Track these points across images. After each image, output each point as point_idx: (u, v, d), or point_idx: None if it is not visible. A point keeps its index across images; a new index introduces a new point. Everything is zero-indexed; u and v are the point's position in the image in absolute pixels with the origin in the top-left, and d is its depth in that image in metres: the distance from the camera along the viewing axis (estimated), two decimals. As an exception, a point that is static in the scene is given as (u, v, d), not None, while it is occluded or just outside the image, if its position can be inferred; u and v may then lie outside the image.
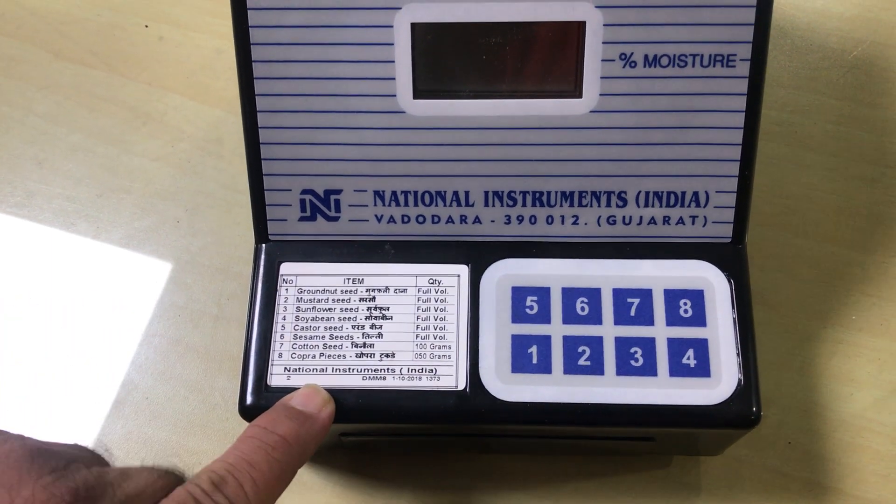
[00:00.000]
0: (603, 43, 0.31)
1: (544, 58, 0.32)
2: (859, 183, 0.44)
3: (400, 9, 0.31)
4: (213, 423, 0.40)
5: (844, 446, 0.39)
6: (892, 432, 0.39)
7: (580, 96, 0.32)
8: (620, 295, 0.33)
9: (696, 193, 0.33)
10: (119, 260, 0.44)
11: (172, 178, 0.46)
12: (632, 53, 0.32)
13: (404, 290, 0.34)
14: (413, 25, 0.31)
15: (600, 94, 0.32)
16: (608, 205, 0.34)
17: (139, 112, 0.47)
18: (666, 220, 0.34)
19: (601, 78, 0.32)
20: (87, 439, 0.40)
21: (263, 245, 0.35)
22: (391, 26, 0.31)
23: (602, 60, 0.32)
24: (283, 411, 0.30)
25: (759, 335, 0.39)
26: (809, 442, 0.39)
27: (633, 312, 0.33)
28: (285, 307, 0.34)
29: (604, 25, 0.31)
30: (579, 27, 0.31)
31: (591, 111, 0.32)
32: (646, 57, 0.32)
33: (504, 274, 0.34)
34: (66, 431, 0.40)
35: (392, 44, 0.32)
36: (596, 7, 0.31)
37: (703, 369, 0.32)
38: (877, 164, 0.44)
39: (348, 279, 0.34)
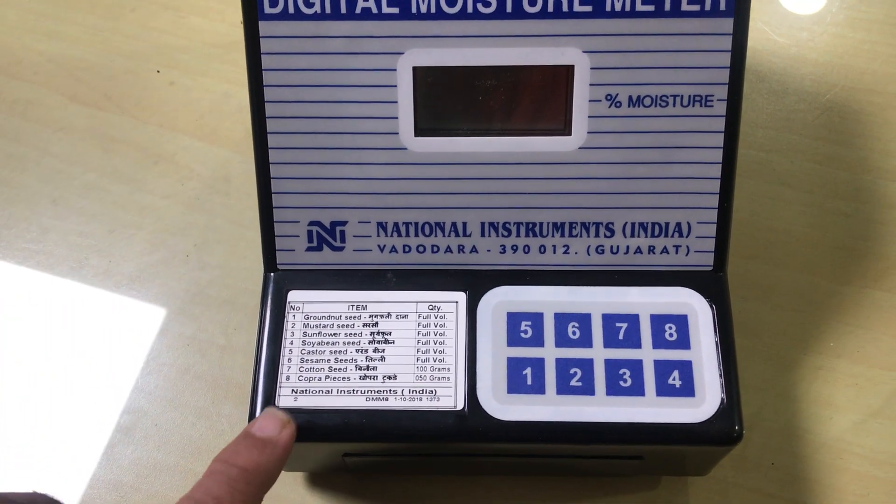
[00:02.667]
0: (590, 85, 0.34)
1: (536, 99, 0.35)
2: (835, 217, 0.46)
3: (402, 53, 0.34)
4: (221, 448, 0.41)
5: (825, 468, 0.40)
6: (870, 454, 0.41)
7: (570, 134, 0.35)
8: (609, 320, 0.35)
9: (678, 224, 0.36)
10: (130, 292, 0.46)
11: (182, 215, 0.48)
12: (617, 94, 0.34)
13: (405, 316, 0.36)
14: (415, 69, 0.34)
15: (588, 132, 0.35)
16: (597, 235, 0.36)
17: (151, 152, 0.50)
18: (651, 249, 0.36)
19: (589, 117, 0.34)
20: (98, 465, 0.41)
21: (272, 274, 0.37)
22: (394, 69, 0.34)
23: (589, 101, 0.34)
24: (243, 442, 0.32)
25: (742, 362, 0.41)
26: (792, 464, 0.41)
27: (621, 336, 0.35)
28: (293, 332, 0.36)
29: (591, 69, 0.34)
30: (568, 71, 0.34)
31: (579, 148, 0.35)
32: (630, 97, 0.34)
33: (500, 300, 0.36)
34: (78, 458, 0.42)
35: (395, 86, 0.34)
36: (584, 52, 0.34)
37: (687, 389, 0.34)
38: (851, 200, 0.47)
39: (352, 306, 0.36)
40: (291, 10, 0.33)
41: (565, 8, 0.33)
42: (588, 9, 0.33)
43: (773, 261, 0.45)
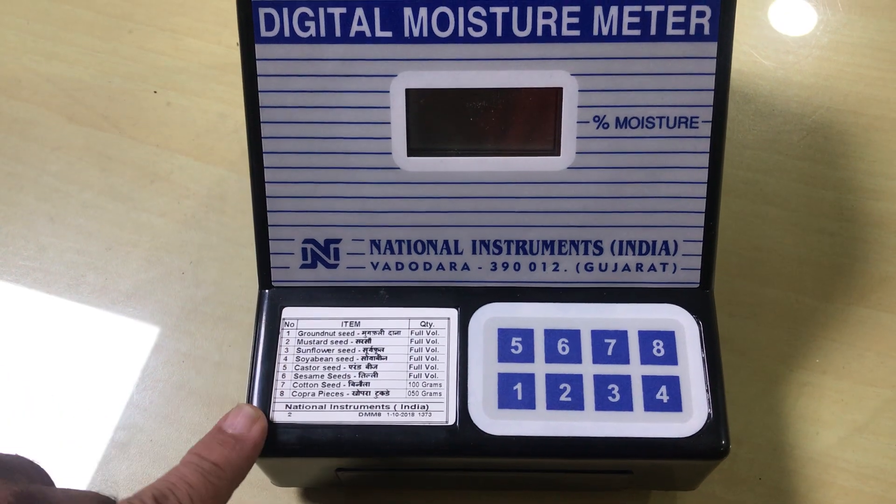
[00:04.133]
0: (578, 107, 0.35)
1: (526, 120, 0.35)
2: (820, 236, 0.47)
3: (395, 76, 0.35)
4: (215, 463, 0.42)
5: (812, 482, 0.41)
6: (855, 469, 0.41)
7: (558, 154, 0.35)
8: (598, 336, 0.36)
9: (665, 242, 0.37)
10: (126, 309, 0.46)
11: (178, 233, 0.48)
12: (604, 116, 0.35)
13: (398, 332, 0.37)
14: (407, 91, 0.35)
15: (577, 153, 0.35)
16: (586, 253, 0.37)
17: (147, 171, 0.50)
18: (639, 266, 0.37)
19: (577, 138, 0.35)
20: (93, 480, 0.42)
21: (267, 291, 0.38)
22: (388, 91, 0.35)
23: (578, 122, 0.35)
24: (216, 437, 0.33)
25: (729, 378, 0.42)
26: (779, 478, 0.41)
27: (610, 352, 0.36)
28: (287, 348, 0.37)
29: (579, 91, 0.35)
30: (557, 93, 0.35)
31: (568, 168, 0.36)
32: (617, 119, 0.35)
33: (491, 317, 0.37)
34: (73, 472, 0.42)
35: (388, 107, 0.35)
36: (572, 75, 0.35)
37: (675, 404, 0.35)
38: (836, 219, 0.47)
39: (346, 322, 0.37)
40: (287, 33, 0.34)
41: (554, 32, 0.34)
42: (576, 33, 0.34)
43: (760, 278, 0.46)
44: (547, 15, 0.34)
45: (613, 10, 0.34)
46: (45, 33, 0.55)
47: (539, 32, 0.34)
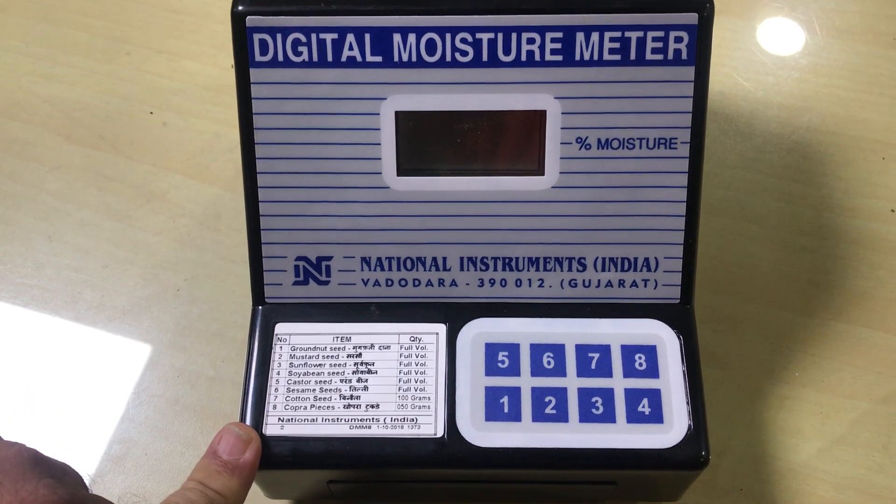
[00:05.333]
0: (561, 128, 0.36)
1: (511, 141, 0.37)
2: (799, 253, 0.48)
3: (385, 99, 0.36)
4: (208, 476, 0.43)
5: (792, 493, 0.42)
6: (834, 479, 0.42)
7: (543, 174, 0.37)
8: (582, 350, 0.37)
9: (647, 259, 0.38)
10: (122, 325, 0.47)
11: (173, 251, 0.49)
12: (587, 137, 0.36)
13: (388, 347, 0.38)
14: (397, 113, 0.36)
15: (560, 173, 0.37)
16: (570, 269, 0.38)
17: (143, 190, 0.51)
18: (621, 283, 0.38)
19: (561, 158, 0.36)
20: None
21: (260, 307, 0.39)
22: (378, 114, 0.36)
23: (561, 143, 0.36)
24: (212, 463, 0.34)
25: (711, 391, 0.43)
26: (760, 489, 0.42)
27: (593, 366, 0.37)
28: (279, 363, 0.38)
29: (562, 114, 0.36)
30: (541, 115, 0.36)
31: (552, 187, 0.37)
32: (599, 140, 0.36)
33: (478, 332, 0.38)
34: (70, 485, 0.43)
35: (378, 129, 0.36)
36: (555, 98, 0.36)
37: (656, 416, 0.36)
38: (814, 236, 0.49)
39: (337, 337, 0.38)
40: (281, 57, 0.36)
41: (538, 57, 0.35)
42: (559, 58, 0.35)
43: (741, 294, 0.47)
44: (531, 41, 0.35)
45: (594, 36, 0.35)
46: (43, 55, 0.56)
47: (523, 57, 0.35)
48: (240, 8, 0.35)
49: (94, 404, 0.45)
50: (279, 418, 0.36)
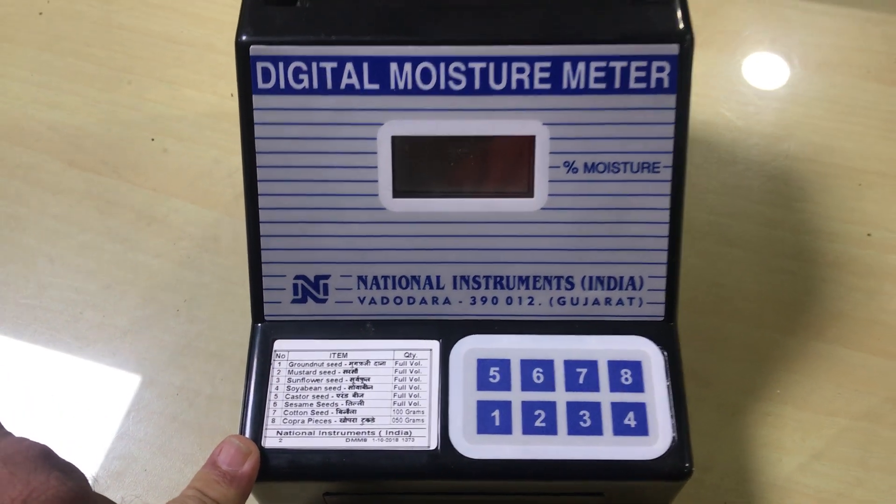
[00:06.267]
0: (550, 153, 0.38)
1: (502, 165, 0.38)
2: (780, 275, 0.50)
3: (382, 124, 0.38)
4: (206, 491, 0.44)
5: (775, 507, 0.43)
6: (815, 493, 0.44)
7: (532, 196, 0.38)
8: (570, 365, 0.39)
9: (632, 278, 0.39)
10: (123, 344, 0.48)
11: (173, 272, 0.51)
12: (574, 161, 0.38)
13: (383, 363, 0.39)
14: (393, 138, 0.38)
15: (549, 195, 0.38)
16: (558, 288, 0.39)
17: (144, 214, 0.53)
18: (608, 301, 0.40)
19: (549, 181, 0.38)
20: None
21: (259, 324, 0.40)
22: (375, 138, 0.38)
23: (549, 167, 0.38)
24: (212, 474, 0.35)
25: (696, 408, 0.44)
26: (744, 503, 0.43)
27: (581, 380, 0.38)
28: (278, 378, 0.39)
29: (550, 139, 0.38)
30: (530, 140, 0.38)
31: (541, 209, 0.39)
32: (585, 164, 0.38)
33: (470, 348, 0.39)
34: (70, 500, 0.44)
35: (375, 153, 0.38)
36: (544, 124, 0.38)
37: (642, 429, 0.37)
38: (795, 258, 0.51)
39: (334, 353, 0.39)
40: (282, 85, 0.37)
41: (527, 85, 0.37)
42: (547, 86, 0.37)
43: (724, 315, 0.49)
44: (521, 70, 0.37)
45: (581, 66, 0.37)
46: (48, 84, 0.58)
47: (513, 85, 0.37)
48: (244, 38, 0.37)
49: (95, 421, 0.46)
50: (277, 431, 0.38)
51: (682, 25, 0.37)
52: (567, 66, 0.37)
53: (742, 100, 0.57)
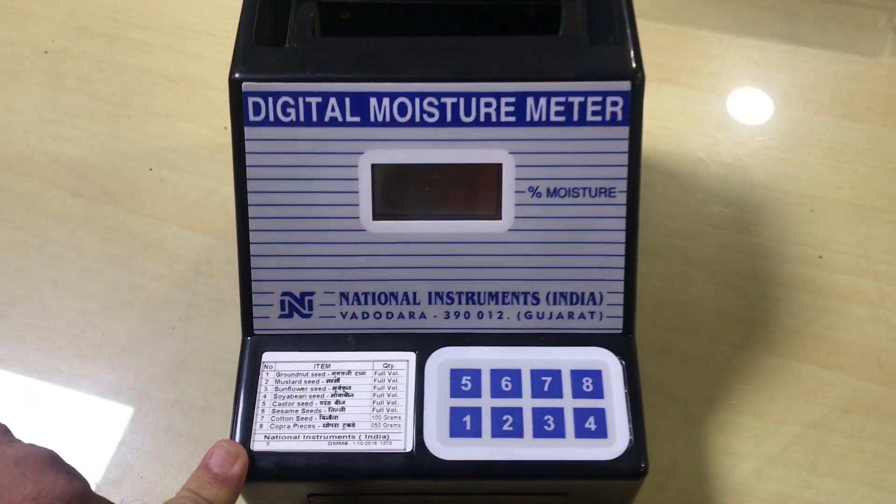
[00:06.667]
0: (516, 179, 0.42)
1: (472, 190, 0.42)
2: (737, 294, 0.54)
3: (363, 153, 0.41)
4: (199, 497, 0.47)
5: (731, 509, 0.47)
6: (768, 497, 0.47)
7: (500, 219, 0.42)
8: (536, 374, 0.42)
9: (592, 294, 0.43)
10: (121, 361, 0.51)
11: (168, 294, 0.54)
12: (538, 187, 0.42)
13: (363, 373, 0.42)
14: (373, 165, 0.41)
15: (515, 218, 0.42)
16: (525, 303, 0.43)
17: (142, 240, 0.56)
18: (570, 315, 0.43)
19: (515, 205, 0.42)
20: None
21: (249, 338, 0.43)
22: (356, 166, 0.41)
23: (515, 192, 0.42)
24: (204, 476, 0.38)
25: (658, 417, 0.48)
26: (702, 506, 0.47)
27: (546, 388, 0.42)
28: (266, 387, 0.42)
29: (516, 166, 0.41)
30: (498, 168, 0.41)
31: (508, 230, 0.42)
32: (548, 189, 0.42)
33: (444, 359, 0.42)
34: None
35: (357, 179, 0.41)
36: (510, 153, 0.41)
37: (601, 432, 0.40)
38: (750, 279, 0.54)
39: (318, 364, 0.43)
40: (271, 117, 0.41)
41: (494, 118, 0.41)
42: (513, 119, 0.41)
43: (685, 330, 0.52)
44: (488, 104, 0.41)
45: (543, 101, 0.41)
46: (52, 118, 0.62)
47: (482, 118, 0.41)
48: (236, 75, 0.41)
49: (95, 432, 0.49)
50: (265, 436, 0.41)
51: (634, 64, 0.41)
52: (530, 100, 0.41)
53: (703, 132, 0.61)
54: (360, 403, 0.41)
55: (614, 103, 0.41)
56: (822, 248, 0.56)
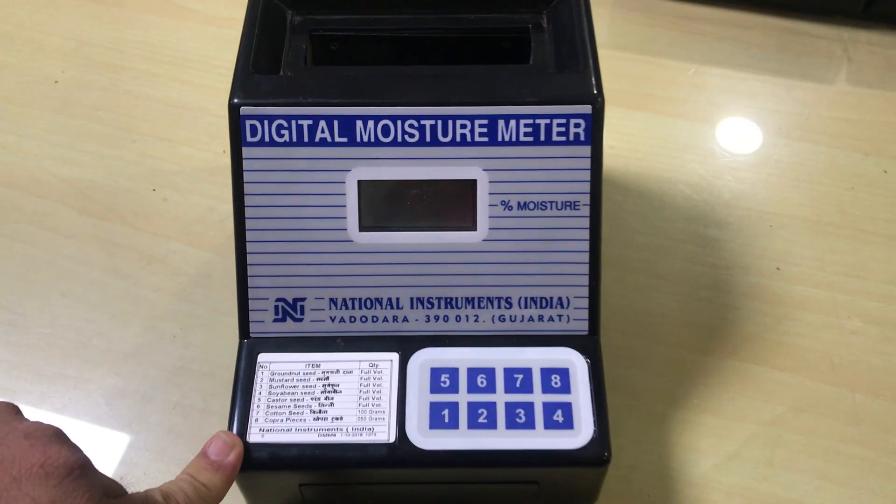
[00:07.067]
0: (489, 194, 0.46)
1: (450, 204, 0.46)
2: (700, 303, 0.58)
3: (350, 170, 0.45)
4: (198, 491, 0.50)
5: (692, 500, 0.50)
6: (727, 489, 0.50)
7: (475, 230, 0.46)
8: (509, 372, 0.46)
9: (560, 299, 0.47)
10: (126, 366, 0.55)
11: (170, 305, 0.58)
12: (509, 200, 0.46)
13: (351, 372, 0.46)
14: (359, 182, 0.45)
15: (489, 229, 0.46)
16: (499, 307, 0.47)
17: (146, 255, 0.60)
18: (540, 318, 0.47)
19: (489, 217, 0.46)
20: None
21: (245, 340, 0.47)
22: (344, 182, 0.45)
23: (489, 206, 0.46)
24: (202, 462, 0.42)
25: (625, 417, 0.51)
26: (666, 498, 0.50)
27: (518, 384, 0.45)
28: (261, 385, 0.46)
29: (489, 182, 0.46)
30: (473, 183, 0.45)
31: (483, 240, 0.46)
32: (519, 203, 0.46)
33: (425, 359, 0.46)
34: (78, 500, 0.50)
35: (344, 194, 0.45)
36: (483, 170, 0.45)
37: (568, 424, 0.44)
38: (713, 289, 0.58)
39: (308, 364, 0.46)
40: (267, 138, 0.45)
41: (469, 138, 0.45)
42: (486, 139, 0.45)
43: (651, 337, 0.56)
44: (463, 126, 0.45)
45: (512, 123, 0.45)
46: (61, 143, 0.66)
47: (458, 138, 0.45)
48: (235, 100, 0.45)
49: (102, 432, 0.52)
50: (260, 428, 0.44)
51: (595, 90, 0.45)
52: (501, 122, 0.45)
53: (669, 154, 0.65)
54: (348, 399, 0.45)
55: (577, 125, 0.45)
56: (780, 261, 0.60)
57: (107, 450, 0.52)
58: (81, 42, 0.73)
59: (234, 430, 0.44)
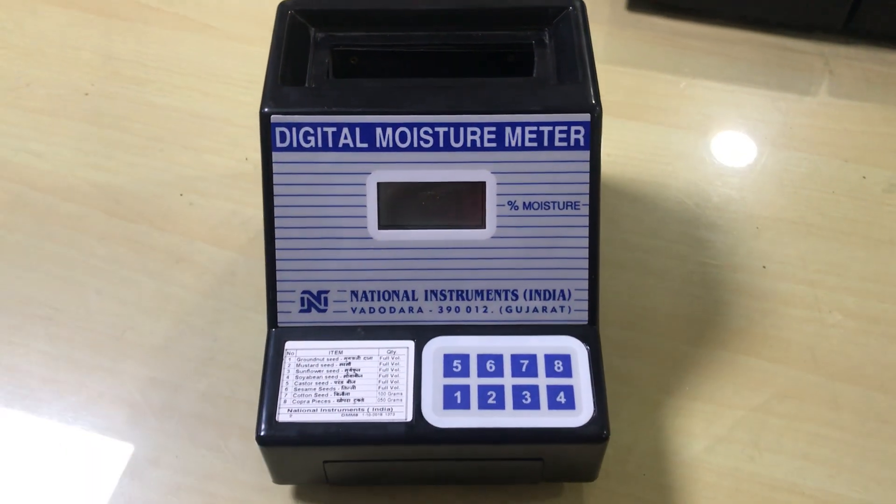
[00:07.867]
0: (497, 195, 0.50)
1: (461, 203, 0.50)
2: (691, 299, 0.62)
3: (370, 173, 0.50)
4: (229, 473, 0.54)
5: (685, 479, 0.54)
6: (717, 469, 0.54)
7: (485, 228, 0.50)
8: (516, 358, 0.50)
9: (562, 291, 0.51)
10: (157, 358, 0.59)
11: (198, 301, 0.62)
12: (515, 201, 0.50)
13: (371, 358, 0.50)
14: (378, 184, 0.49)
15: (497, 227, 0.50)
16: (506, 299, 0.51)
17: (174, 255, 0.64)
18: (544, 309, 0.51)
19: (497, 216, 0.50)
20: (130, 485, 0.54)
21: (273, 329, 0.51)
22: (364, 184, 0.50)
23: (497, 205, 0.50)
24: None
25: (622, 403, 0.55)
26: (660, 477, 0.54)
27: (524, 369, 0.49)
28: (288, 370, 0.50)
29: (497, 184, 0.50)
30: (482, 185, 0.50)
31: (492, 237, 0.50)
32: (524, 203, 0.50)
33: (438, 346, 0.50)
34: (110, 481, 0.54)
35: (365, 195, 0.50)
36: (492, 173, 0.50)
37: (570, 404, 0.48)
38: (702, 286, 0.62)
39: (332, 351, 0.50)
40: (295, 144, 0.49)
41: (478, 144, 0.49)
42: (494, 144, 0.49)
43: (645, 330, 0.60)
44: (473, 132, 0.49)
45: (518, 130, 0.49)
46: (94, 151, 0.70)
47: (468, 144, 0.49)
48: (266, 109, 0.49)
49: (134, 419, 0.56)
50: (288, 409, 0.48)
51: (593, 100, 0.49)
52: (508, 129, 0.49)
53: (662, 161, 0.70)
54: (368, 382, 0.49)
55: (577, 132, 0.49)
56: (766, 260, 0.64)
57: (141, 435, 0.56)
58: (109, 57, 0.78)
59: (265, 410, 0.48)
